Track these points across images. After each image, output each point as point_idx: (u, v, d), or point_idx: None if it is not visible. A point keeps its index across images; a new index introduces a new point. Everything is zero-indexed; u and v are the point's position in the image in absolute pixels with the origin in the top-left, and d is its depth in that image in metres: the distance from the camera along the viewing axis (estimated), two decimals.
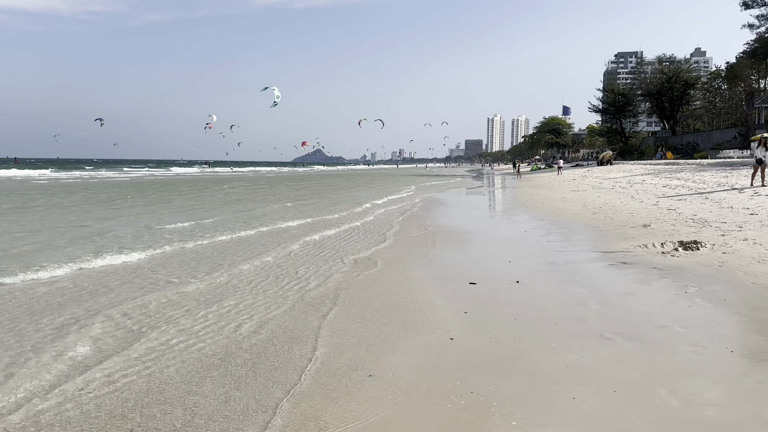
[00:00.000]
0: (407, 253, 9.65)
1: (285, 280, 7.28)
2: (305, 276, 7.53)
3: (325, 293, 6.56)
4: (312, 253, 9.45)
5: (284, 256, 9.10)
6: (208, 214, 16.67)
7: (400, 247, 10.22)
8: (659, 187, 21.17)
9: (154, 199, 23.53)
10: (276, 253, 9.36)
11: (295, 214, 16.57)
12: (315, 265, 8.32)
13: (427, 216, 16.20)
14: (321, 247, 10.21)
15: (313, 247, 10.19)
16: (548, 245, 9.91)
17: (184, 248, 9.88)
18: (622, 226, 11.87)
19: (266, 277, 7.47)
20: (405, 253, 9.65)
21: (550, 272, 7.53)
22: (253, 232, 12.15)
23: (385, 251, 9.74)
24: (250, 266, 8.19)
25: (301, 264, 8.42)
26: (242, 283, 7.10)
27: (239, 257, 9.01)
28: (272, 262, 8.61)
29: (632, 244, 9.41)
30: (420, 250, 9.86)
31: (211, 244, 10.38)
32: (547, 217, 14.65)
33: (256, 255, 9.21)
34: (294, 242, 10.61)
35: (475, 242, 10.84)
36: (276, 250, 9.75)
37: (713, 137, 62.28)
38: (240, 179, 54.17)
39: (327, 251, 9.68)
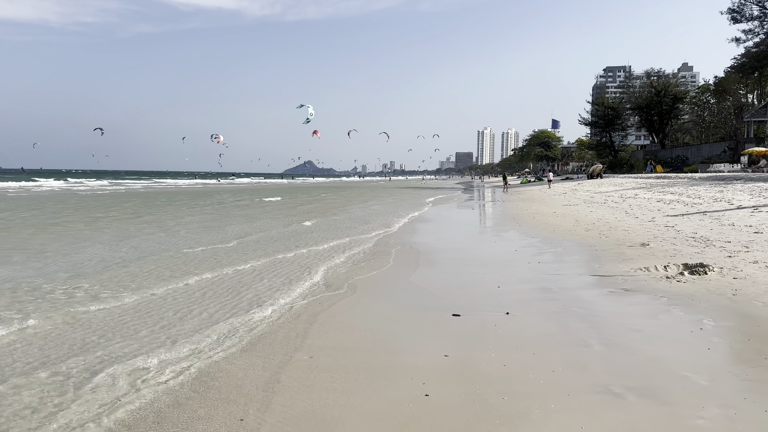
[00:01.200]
0: (388, 274, 8.78)
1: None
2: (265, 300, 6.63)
3: (286, 334, 5.67)
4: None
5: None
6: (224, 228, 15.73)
7: (382, 268, 9.35)
8: (653, 202, 20.50)
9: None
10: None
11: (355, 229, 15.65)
12: (288, 290, 7.42)
13: (414, 231, 15.36)
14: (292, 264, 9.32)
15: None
16: (541, 267, 9.09)
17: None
18: (619, 245, 11.08)
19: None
20: (386, 274, 8.78)
21: (544, 301, 6.68)
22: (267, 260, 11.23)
23: (362, 272, 8.86)
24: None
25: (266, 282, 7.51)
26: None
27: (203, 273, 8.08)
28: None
29: (632, 267, 8.60)
30: (402, 272, 8.99)
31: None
32: (538, 234, 13.85)
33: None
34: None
35: (462, 263, 9.98)
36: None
37: (702, 151, 62.23)
38: (241, 191, 53.14)
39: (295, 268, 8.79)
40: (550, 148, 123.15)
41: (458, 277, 8.54)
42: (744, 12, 55.62)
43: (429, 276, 8.84)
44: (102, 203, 29.77)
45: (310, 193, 48.90)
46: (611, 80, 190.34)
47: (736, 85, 63.67)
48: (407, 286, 7.93)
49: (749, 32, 57.34)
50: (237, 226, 16.98)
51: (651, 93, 71.81)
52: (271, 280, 8.20)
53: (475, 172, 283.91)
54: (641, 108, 73.01)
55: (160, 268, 9.26)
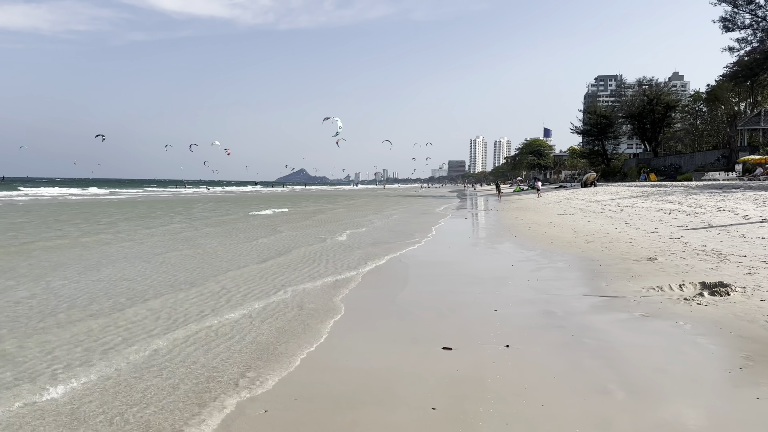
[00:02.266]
0: (371, 296, 7.86)
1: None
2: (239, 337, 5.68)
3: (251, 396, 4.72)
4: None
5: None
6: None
7: (364, 287, 8.42)
8: (653, 212, 19.72)
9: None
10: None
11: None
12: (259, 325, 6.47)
13: (404, 244, 14.45)
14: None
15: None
16: (542, 285, 8.19)
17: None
18: (624, 259, 10.23)
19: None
20: (369, 296, 7.85)
21: (548, 329, 5.78)
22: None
23: (342, 293, 7.94)
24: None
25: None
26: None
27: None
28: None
29: (643, 285, 7.73)
30: (387, 292, 8.07)
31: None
32: (535, 246, 12.98)
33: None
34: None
35: (455, 280, 9.07)
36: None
37: (696, 159, 61.91)
38: (239, 200, 52.09)
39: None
40: (543, 156, 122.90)
41: (450, 298, 7.63)
42: (736, 21, 55.54)
43: (418, 296, 7.93)
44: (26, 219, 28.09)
45: (316, 203, 47.29)
46: (602, 89, 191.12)
47: (729, 94, 63.47)
48: (393, 310, 7.00)
49: (742, 41, 57.27)
50: (264, 238, 15.77)
51: (643, 101, 71.53)
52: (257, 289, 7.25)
53: (467, 180, 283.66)
54: (634, 116, 72.69)
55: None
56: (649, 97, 71.26)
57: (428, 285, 8.77)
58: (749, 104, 68.60)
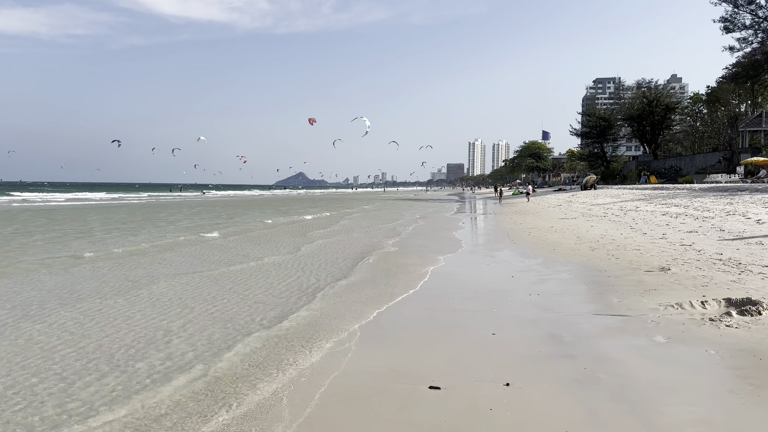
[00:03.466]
0: (347, 313, 6.97)
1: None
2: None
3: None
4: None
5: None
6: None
7: (341, 301, 7.53)
8: (658, 215, 18.86)
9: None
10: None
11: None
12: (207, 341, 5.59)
13: (399, 251, 13.57)
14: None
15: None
16: (545, 301, 7.32)
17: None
18: (634, 270, 9.35)
19: None
20: (344, 312, 6.96)
21: (555, 359, 4.90)
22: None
23: (313, 309, 7.05)
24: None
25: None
26: None
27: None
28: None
29: (660, 301, 6.86)
30: (368, 310, 7.18)
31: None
32: (537, 254, 12.10)
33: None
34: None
35: (447, 295, 8.19)
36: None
37: (696, 161, 61.15)
38: (245, 204, 51.21)
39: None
40: (541, 159, 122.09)
41: (442, 318, 6.74)
42: (736, 21, 54.85)
43: (404, 316, 7.04)
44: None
45: (330, 207, 45.58)
46: (601, 92, 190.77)
47: (730, 95, 62.76)
48: (375, 334, 6.12)
49: (742, 41, 56.59)
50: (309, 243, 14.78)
51: (643, 103, 70.82)
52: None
53: (466, 183, 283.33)
54: (633, 118, 71.96)
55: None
56: (649, 98, 70.55)
57: (420, 301, 7.88)
58: (749, 106, 67.95)
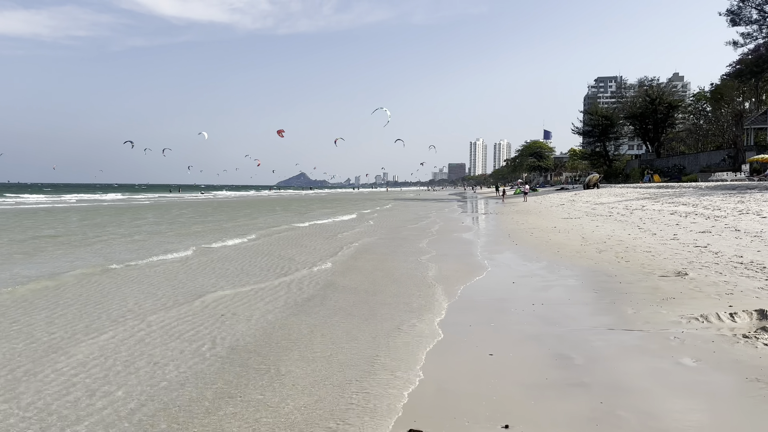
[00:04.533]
0: (322, 328, 6.14)
1: None
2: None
3: None
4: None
5: None
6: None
7: (319, 314, 6.71)
8: (666, 215, 18.01)
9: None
10: None
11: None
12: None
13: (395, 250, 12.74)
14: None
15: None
16: (550, 312, 6.49)
17: None
18: (648, 275, 8.52)
19: None
20: (321, 327, 6.13)
21: (565, 390, 4.07)
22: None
23: (284, 323, 6.23)
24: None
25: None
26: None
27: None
28: None
29: (681, 313, 6.03)
30: (352, 326, 6.36)
31: None
32: (540, 257, 11.27)
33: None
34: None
35: (443, 304, 7.37)
36: None
37: (700, 160, 60.22)
38: (252, 205, 50.44)
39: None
40: (543, 158, 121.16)
41: (430, 338, 5.91)
42: (743, 15, 53.95)
43: (391, 328, 6.22)
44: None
45: (343, 206, 45.66)
46: (603, 90, 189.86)
47: (734, 92, 61.81)
48: (354, 352, 5.30)
49: (747, 36, 55.68)
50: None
51: (646, 101, 69.90)
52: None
53: (467, 183, 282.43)
54: (636, 116, 71.06)
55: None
56: (652, 96, 69.65)
57: (405, 312, 7.06)
58: (754, 103, 67.01)
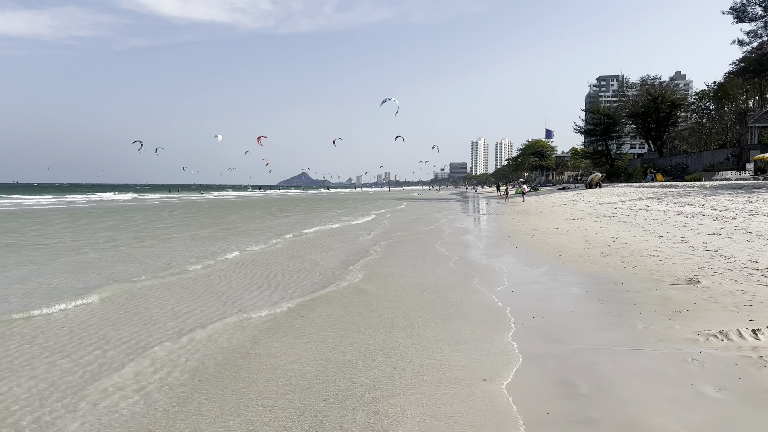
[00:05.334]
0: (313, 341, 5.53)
1: None
2: None
3: None
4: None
5: None
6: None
7: (298, 334, 6.10)
8: (672, 216, 17.39)
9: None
10: None
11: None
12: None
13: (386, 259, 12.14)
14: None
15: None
16: (553, 327, 5.88)
17: None
18: (656, 282, 7.92)
19: None
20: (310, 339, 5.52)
21: (571, 429, 3.48)
22: None
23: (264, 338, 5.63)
24: None
25: None
26: None
27: None
28: None
29: (697, 329, 5.43)
30: (339, 342, 5.76)
31: None
32: (541, 261, 10.66)
33: None
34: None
35: (432, 315, 6.77)
36: None
37: (703, 158, 59.55)
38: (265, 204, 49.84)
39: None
40: (545, 157, 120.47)
41: (413, 355, 5.31)
42: (747, 12, 53.27)
43: (363, 351, 5.62)
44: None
45: (355, 207, 45.24)
46: (604, 89, 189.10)
47: (739, 90, 61.07)
48: (311, 375, 4.70)
49: (752, 33, 55.03)
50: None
51: (648, 100, 69.18)
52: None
53: (469, 182, 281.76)
54: (638, 115, 70.36)
55: None
56: (654, 95, 68.94)
57: (388, 330, 6.46)
58: (758, 101, 66.29)
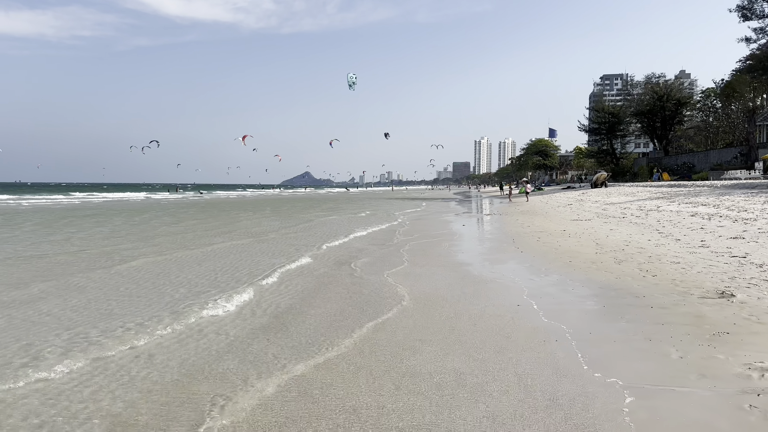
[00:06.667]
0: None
1: None
2: None
3: None
4: None
5: None
6: None
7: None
8: (686, 217, 16.37)
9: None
10: None
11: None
12: None
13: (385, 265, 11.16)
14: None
15: None
16: (568, 356, 4.90)
17: None
18: (683, 294, 6.94)
19: None
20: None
21: None
22: None
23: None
24: None
25: None
26: None
27: None
28: None
29: (745, 360, 4.45)
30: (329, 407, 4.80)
31: None
32: (550, 268, 9.68)
33: None
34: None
35: (424, 334, 5.81)
36: None
37: (710, 157, 58.41)
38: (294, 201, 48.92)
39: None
40: (548, 156, 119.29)
41: (407, 389, 4.35)
42: (754, 9, 52.10)
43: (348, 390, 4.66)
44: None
45: (368, 206, 44.32)
46: (608, 88, 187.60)
47: (747, 88, 59.86)
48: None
49: (759, 31, 53.83)
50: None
51: (653, 98, 68.03)
52: None
53: (472, 182, 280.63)
54: (643, 113, 69.21)
55: None
56: (659, 93, 67.80)
57: (377, 354, 5.50)
58: (766, 99, 65.05)
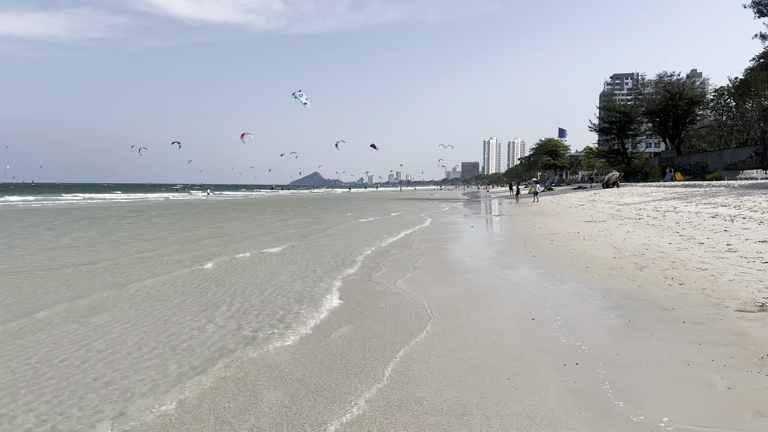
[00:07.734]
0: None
1: None
2: None
3: None
4: None
5: None
6: None
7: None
8: (706, 218, 15.58)
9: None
10: None
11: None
12: None
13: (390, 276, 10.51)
14: None
15: None
16: (594, 386, 4.21)
17: None
18: (717, 306, 6.24)
19: None
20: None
21: None
22: None
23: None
24: None
25: None
26: None
27: None
28: None
29: None
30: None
31: None
32: (565, 275, 8.98)
33: None
34: None
35: (429, 355, 5.16)
36: None
37: (724, 157, 57.20)
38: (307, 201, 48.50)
39: None
40: (558, 156, 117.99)
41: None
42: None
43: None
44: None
45: (381, 207, 43.83)
46: (619, 87, 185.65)
47: (763, 85, 58.60)
48: None
49: None
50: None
51: (665, 97, 66.80)
52: None
53: (481, 182, 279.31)
54: (655, 113, 67.98)
55: None
56: (672, 92, 66.56)
57: (374, 384, 4.85)
58: None
